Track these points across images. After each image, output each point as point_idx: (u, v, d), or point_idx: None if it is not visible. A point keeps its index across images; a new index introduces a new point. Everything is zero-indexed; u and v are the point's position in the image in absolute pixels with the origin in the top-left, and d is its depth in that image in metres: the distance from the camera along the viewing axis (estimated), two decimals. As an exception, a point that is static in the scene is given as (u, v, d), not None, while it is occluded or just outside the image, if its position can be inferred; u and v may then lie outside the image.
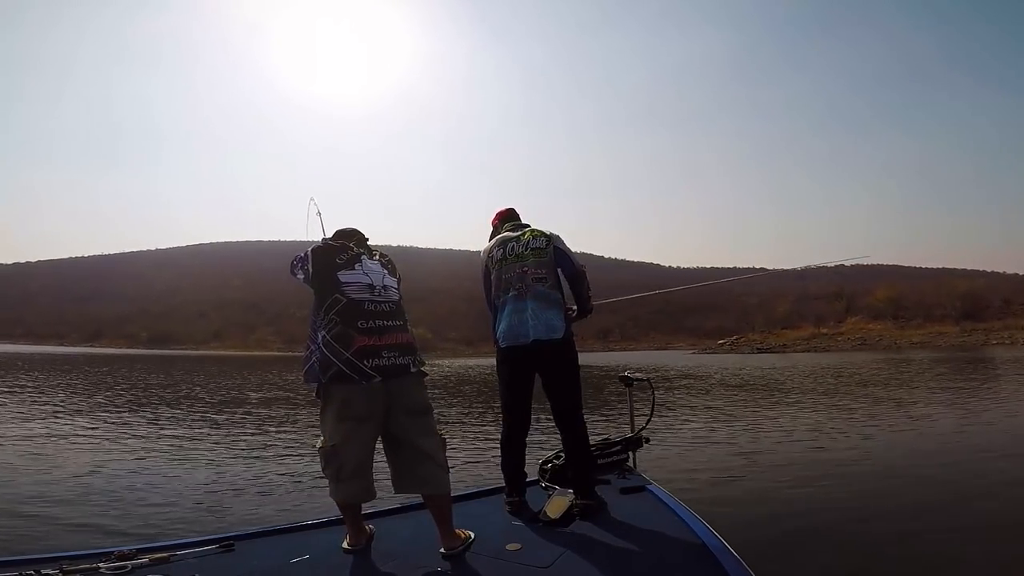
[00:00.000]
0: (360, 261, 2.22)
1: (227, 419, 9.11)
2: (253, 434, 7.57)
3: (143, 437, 7.22)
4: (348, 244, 2.29)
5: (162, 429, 7.92)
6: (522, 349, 2.54)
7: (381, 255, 2.37)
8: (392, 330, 2.15)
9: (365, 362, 2.05)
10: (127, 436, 7.28)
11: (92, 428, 7.88)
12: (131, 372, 21.82)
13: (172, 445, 6.69)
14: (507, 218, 2.86)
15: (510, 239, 2.69)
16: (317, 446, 2.15)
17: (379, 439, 2.15)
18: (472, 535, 2.14)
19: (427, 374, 2.28)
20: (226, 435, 7.48)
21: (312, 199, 2.56)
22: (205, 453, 6.21)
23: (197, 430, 7.90)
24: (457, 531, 2.10)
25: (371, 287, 2.18)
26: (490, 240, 2.80)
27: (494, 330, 2.66)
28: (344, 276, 2.16)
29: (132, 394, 13.18)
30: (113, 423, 8.41)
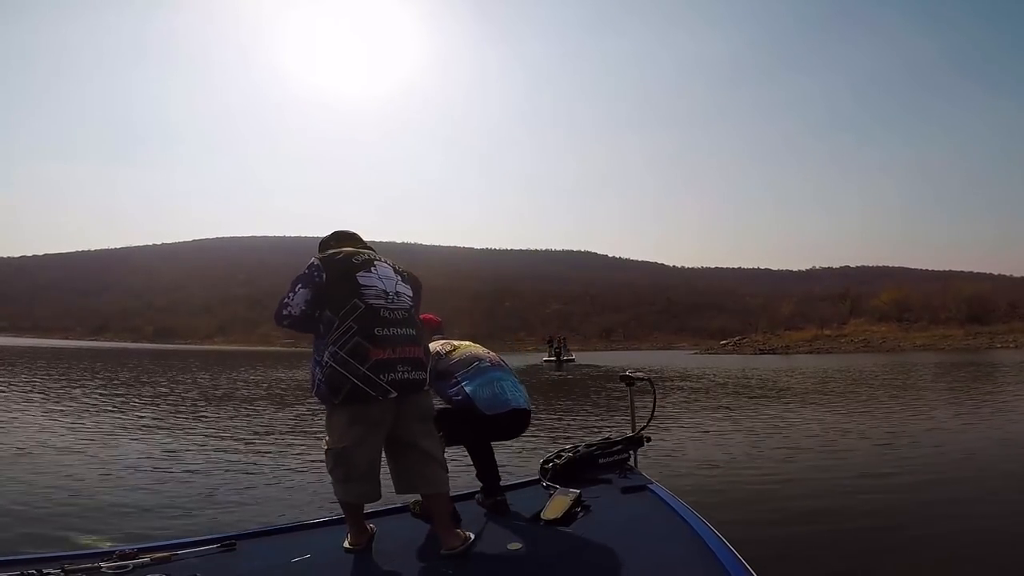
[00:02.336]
0: (374, 265, 2.13)
1: (227, 416, 9.14)
2: (254, 432, 7.59)
3: (141, 436, 7.24)
4: (358, 249, 2.19)
5: (161, 426, 7.94)
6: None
7: (392, 263, 2.26)
8: (405, 341, 2.06)
9: (382, 376, 1.96)
10: (125, 435, 7.29)
11: (89, 427, 7.88)
12: (132, 367, 21.92)
13: (171, 444, 6.69)
14: (438, 329, 2.89)
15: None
16: (324, 447, 2.09)
17: None
18: (471, 536, 2.11)
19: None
20: (226, 433, 7.49)
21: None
22: (205, 452, 6.22)
23: (197, 428, 7.91)
24: (457, 531, 2.09)
25: (385, 293, 2.08)
26: None
27: (466, 404, 2.52)
28: (363, 278, 2.06)
29: (131, 391, 13.23)
30: (111, 421, 8.43)
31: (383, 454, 2.16)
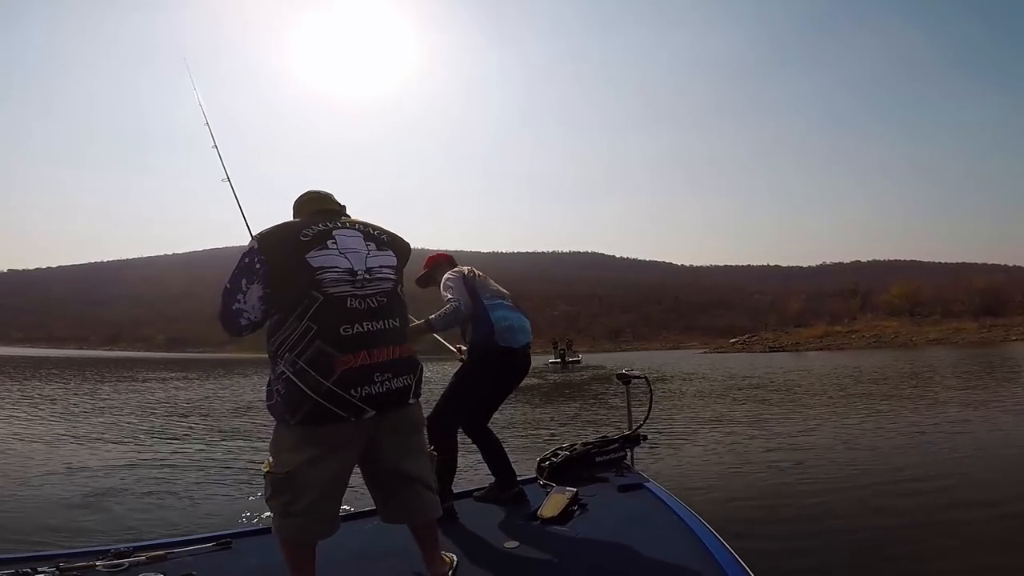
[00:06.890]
0: (332, 237, 1.62)
1: (224, 417, 9.22)
2: (250, 432, 7.64)
3: (138, 436, 7.32)
4: (312, 217, 1.67)
5: (157, 428, 8.03)
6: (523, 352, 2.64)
7: (364, 225, 1.73)
8: (386, 338, 1.61)
9: (352, 392, 1.53)
10: (122, 435, 7.38)
11: (86, 428, 7.99)
12: (132, 374, 22.11)
13: (168, 444, 6.77)
14: (453, 262, 2.86)
15: None
16: (264, 469, 1.63)
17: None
18: (455, 558, 1.96)
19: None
20: (223, 433, 7.57)
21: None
22: (202, 451, 6.28)
23: (193, 428, 8.01)
24: (443, 556, 1.91)
25: (351, 273, 1.60)
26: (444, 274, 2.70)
27: (485, 328, 2.55)
28: (315, 259, 1.57)
29: (128, 395, 13.37)
30: (107, 423, 8.54)
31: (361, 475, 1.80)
